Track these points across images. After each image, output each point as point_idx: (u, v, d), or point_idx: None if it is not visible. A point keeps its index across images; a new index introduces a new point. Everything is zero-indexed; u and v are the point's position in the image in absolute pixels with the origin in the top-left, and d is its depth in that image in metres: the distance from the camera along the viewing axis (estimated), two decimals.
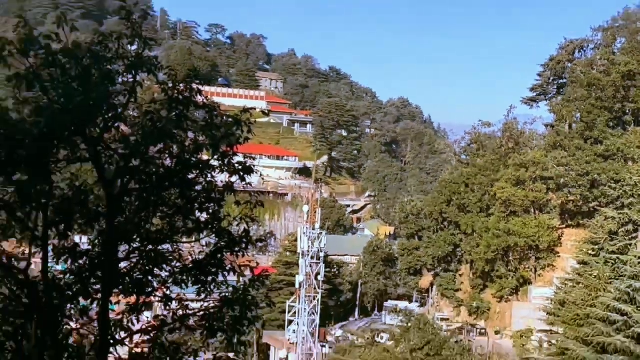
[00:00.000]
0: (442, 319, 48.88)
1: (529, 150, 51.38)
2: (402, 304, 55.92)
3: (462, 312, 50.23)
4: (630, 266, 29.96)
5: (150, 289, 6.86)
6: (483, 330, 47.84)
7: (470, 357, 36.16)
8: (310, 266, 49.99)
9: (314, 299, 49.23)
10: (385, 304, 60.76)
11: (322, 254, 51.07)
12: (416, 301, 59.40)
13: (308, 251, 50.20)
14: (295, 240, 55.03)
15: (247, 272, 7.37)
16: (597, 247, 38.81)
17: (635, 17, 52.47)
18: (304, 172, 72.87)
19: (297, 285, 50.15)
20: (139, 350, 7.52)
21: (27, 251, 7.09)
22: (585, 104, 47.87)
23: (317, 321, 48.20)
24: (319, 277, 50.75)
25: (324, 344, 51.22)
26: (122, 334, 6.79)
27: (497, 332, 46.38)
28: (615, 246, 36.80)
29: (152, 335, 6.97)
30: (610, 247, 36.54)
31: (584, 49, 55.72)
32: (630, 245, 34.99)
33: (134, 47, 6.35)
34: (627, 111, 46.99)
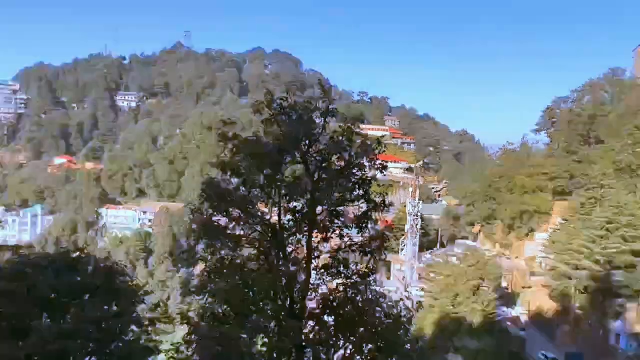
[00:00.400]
0: (485, 250, 78.10)
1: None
2: (463, 242, 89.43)
3: (496, 247, 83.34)
4: (593, 222, 52.88)
5: (332, 230, 13.07)
6: (508, 257, 78.97)
7: (500, 269, 65.79)
8: (413, 220, 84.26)
9: (415, 237, 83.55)
10: (456, 241, 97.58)
11: (419, 214, 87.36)
12: (472, 240, 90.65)
13: (411, 212, 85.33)
14: (405, 206, 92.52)
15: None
16: (574, 211, 70.66)
17: (598, 85, 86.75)
18: (410, 170, 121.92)
19: (406, 230, 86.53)
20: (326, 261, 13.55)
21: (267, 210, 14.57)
22: (567, 133, 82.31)
23: (417, 249, 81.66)
24: (417, 226, 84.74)
25: (420, 263, 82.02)
26: (317, 253, 15.25)
27: (516, 258, 77.25)
28: (584, 211, 60.26)
29: (332, 254, 13.42)
30: (581, 211, 61.42)
31: (565, 102, 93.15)
32: (593, 211, 56.52)
33: (323, 104, 12.89)
34: (591, 136, 78.50)
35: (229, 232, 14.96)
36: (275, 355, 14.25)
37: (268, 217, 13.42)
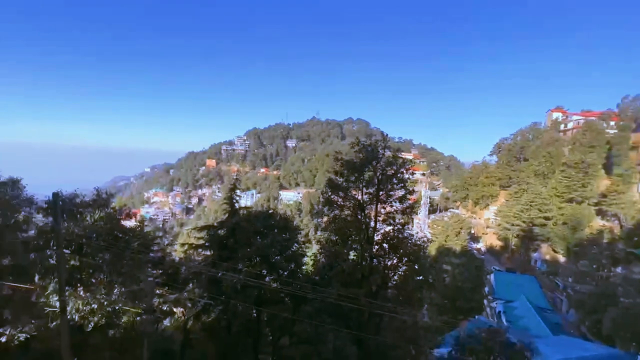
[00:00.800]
0: (462, 214, 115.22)
1: None
2: (451, 210, 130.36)
3: (468, 213, 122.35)
4: (521, 201, 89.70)
5: (387, 202, 24.53)
6: (475, 218, 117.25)
7: (470, 224, 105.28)
8: (425, 198, 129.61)
9: (426, 207, 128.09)
10: (448, 210, 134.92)
11: (428, 196, 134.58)
12: (455, 209, 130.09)
13: (424, 195, 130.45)
14: (421, 192, 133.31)
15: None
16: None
17: (525, 130, 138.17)
18: (424, 174, 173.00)
19: (421, 203, 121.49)
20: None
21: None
22: (507, 155, 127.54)
23: (427, 212, 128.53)
24: (427, 201, 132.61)
25: (428, 219, 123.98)
26: (381, 213, 28.14)
27: (479, 218, 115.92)
28: (517, 196, 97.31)
29: (387, 214, 28.38)
30: (515, 196, 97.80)
31: (506, 140, 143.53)
32: (522, 196, 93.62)
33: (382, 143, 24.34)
34: (521, 157, 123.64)
35: (337, 203, 30.70)
36: (360, 260, 28.16)
37: (356, 195, 30.20)
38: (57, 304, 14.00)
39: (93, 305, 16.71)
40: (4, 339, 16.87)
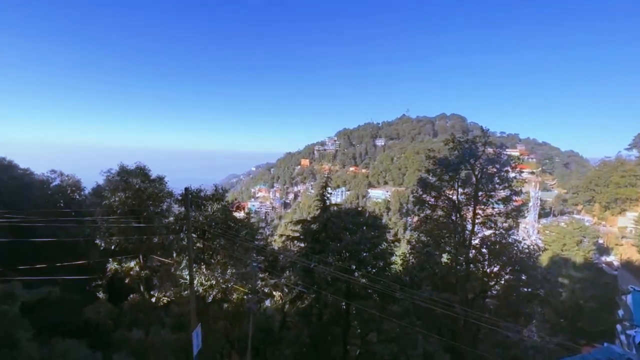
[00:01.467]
0: (585, 220, 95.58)
1: None
2: (568, 215, 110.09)
3: (594, 219, 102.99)
4: None
5: (487, 204, 21.82)
6: (604, 225, 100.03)
7: (597, 232, 77.77)
8: (534, 200, 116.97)
9: (535, 209, 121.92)
10: (564, 214, 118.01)
11: (538, 197, 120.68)
12: (576, 214, 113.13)
13: (533, 196, 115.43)
14: (529, 192, 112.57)
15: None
16: None
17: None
18: (533, 173, 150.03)
19: (529, 205, 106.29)
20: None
21: None
22: None
23: (537, 216, 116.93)
24: (537, 203, 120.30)
25: (539, 224, 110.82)
26: (479, 216, 25.33)
27: (610, 226, 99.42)
28: None
29: (487, 217, 25.58)
30: None
31: None
32: None
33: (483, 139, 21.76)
34: None
35: (429, 202, 29.25)
36: (454, 263, 26.11)
37: (451, 195, 23.67)
38: (187, 277, 16.84)
39: (212, 282, 19.54)
40: (153, 300, 21.09)
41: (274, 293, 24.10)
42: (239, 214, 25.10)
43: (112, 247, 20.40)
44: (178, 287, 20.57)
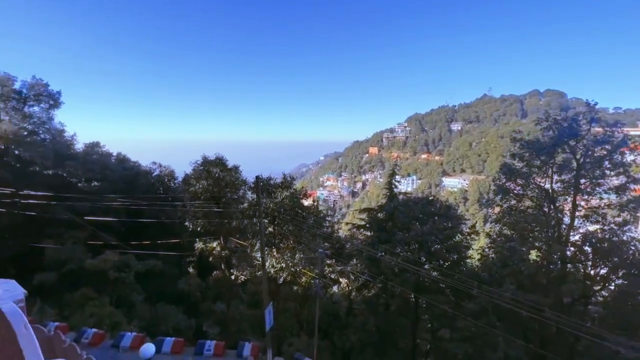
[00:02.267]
0: None
1: None
2: None
3: None
4: None
5: (593, 194, 18.05)
6: None
7: None
8: None
9: None
10: None
11: None
12: None
13: None
14: None
15: None
16: None
17: None
18: None
19: None
20: None
21: None
22: None
23: None
24: None
25: None
26: (580, 208, 21.56)
27: None
28: None
29: (592, 209, 18.74)
30: None
31: None
32: None
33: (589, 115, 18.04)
34: None
35: (515, 191, 21.30)
36: (545, 262, 21.91)
37: (542, 184, 20.45)
38: (260, 259, 17.98)
39: (282, 264, 20.57)
40: (233, 277, 23.23)
41: (341, 280, 24.33)
42: (307, 202, 25.79)
43: (198, 229, 23.03)
44: (253, 267, 22.23)
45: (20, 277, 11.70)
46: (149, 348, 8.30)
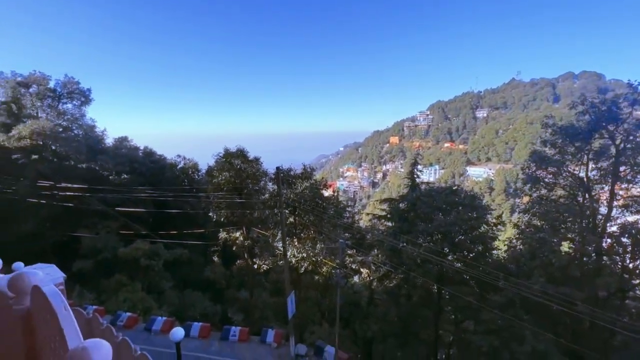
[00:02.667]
0: None
1: None
2: None
3: None
4: None
5: (634, 182, 17.25)
6: None
7: None
8: None
9: None
10: None
11: None
12: None
13: None
14: None
15: None
16: None
17: None
18: None
19: None
20: None
21: None
22: None
23: None
24: None
25: None
26: (618, 197, 20.27)
27: None
28: None
29: (631, 198, 18.37)
30: None
31: None
32: None
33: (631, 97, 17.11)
34: None
35: (545, 180, 20.37)
36: (579, 254, 18.34)
37: (576, 172, 19.53)
38: (282, 248, 18.29)
39: (303, 254, 20.82)
40: (255, 266, 23.80)
41: (362, 270, 24.35)
42: (327, 193, 25.81)
43: (222, 219, 23.67)
44: (275, 256, 22.67)
45: (61, 264, 12.58)
46: (178, 332, 8.69)
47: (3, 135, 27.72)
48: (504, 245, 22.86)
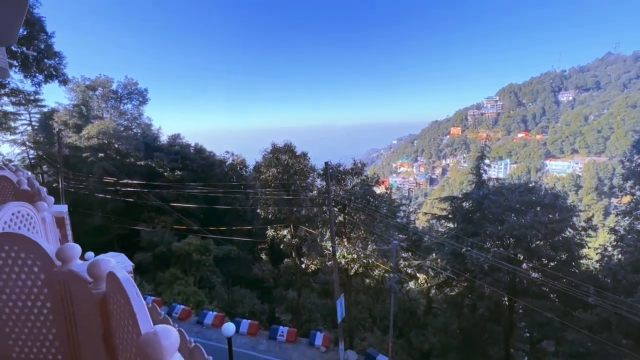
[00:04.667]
0: None
1: None
2: None
3: None
4: None
5: None
6: None
7: None
8: None
9: None
10: None
11: None
12: None
13: None
14: None
15: None
16: None
17: None
18: None
19: None
20: None
21: None
22: None
23: None
24: None
25: None
26: None
27: None
28: None
29: None
30: None
31: None
32: None
33: None
34: None
35: None
36: None
37: None
38: (331, 248, 18.50)
39: (353, 255, 20.81)
40: (303, 266, 24.43)
41: (418, 275, 23.60)
42: (379, 190, 25.40)
43: (269, 217, 24.62)
44: (323, 257, 23.04)
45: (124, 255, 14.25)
46: (230, 327, 9.29)
47: (75, 135, 32.10)
48: (596, 253, 20.46)
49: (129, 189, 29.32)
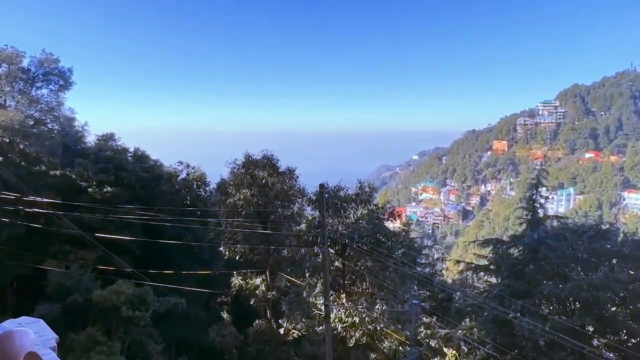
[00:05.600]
0: None
1: None
2: None
3: None
4: None
5: None
6: None
7: None
8: None
9: None
10: None
11: None
12: None
13: None
14: None
15: None
16: None
17: None
18: None
19: None
20: None
21: None
22: None
23: None
24: None
25: None
26: None
27: None
28: None
29: None
30: None
31: None
32: None
33: None
34: None
35: None
36: None
37: None
38: (323, 307, 18.41)
39: (354, 319, 20.76)
40: (282, 331, 24.19)
41: (446, 350, 23.66)
42: (394, 224, 25.79)
43: (237, 257, 24.52)
44: (311, 318, 22.95)
45: (20, 307, 13.81)
46: None
47: None
48: None
49: (35, 209, 28.81)
